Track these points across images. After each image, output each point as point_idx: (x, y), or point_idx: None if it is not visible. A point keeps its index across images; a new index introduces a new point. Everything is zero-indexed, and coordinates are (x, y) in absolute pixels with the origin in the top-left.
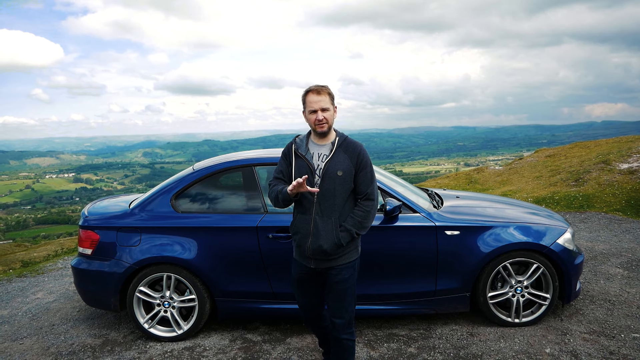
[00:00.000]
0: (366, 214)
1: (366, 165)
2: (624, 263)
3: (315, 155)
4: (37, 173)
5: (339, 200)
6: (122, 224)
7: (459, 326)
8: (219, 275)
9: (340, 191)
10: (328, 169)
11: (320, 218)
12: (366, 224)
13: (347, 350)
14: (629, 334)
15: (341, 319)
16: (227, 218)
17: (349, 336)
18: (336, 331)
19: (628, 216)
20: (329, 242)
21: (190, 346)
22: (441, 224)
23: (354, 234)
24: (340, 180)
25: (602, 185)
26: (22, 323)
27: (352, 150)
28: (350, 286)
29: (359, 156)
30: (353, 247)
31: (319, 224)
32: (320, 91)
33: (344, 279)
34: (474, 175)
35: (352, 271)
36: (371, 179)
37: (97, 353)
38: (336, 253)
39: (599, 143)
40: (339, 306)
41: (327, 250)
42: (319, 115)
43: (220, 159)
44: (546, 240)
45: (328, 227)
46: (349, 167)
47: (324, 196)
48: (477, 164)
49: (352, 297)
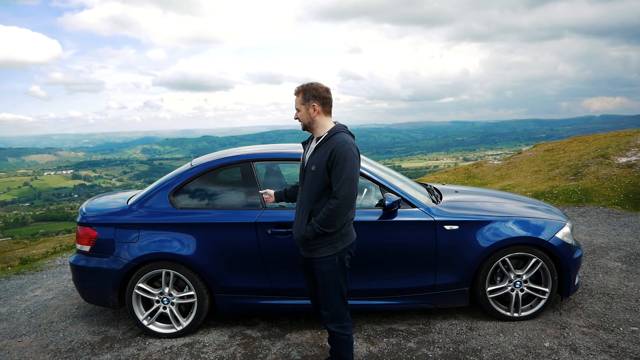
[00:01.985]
0: (329, 212)
1: (338, 162)
2: (623, 257)
3: (308, 150)
4: (35, 170)
5: (312, 194)
6: (120, 220)
7: (458, 321)
8: (218, 271)
9: (312, 186)
10: (307, 164)
11: (299, 210)
12: (331, 222)
13: (340, 345)
14: (628, 327)
15: (326, 311)
16: (225, 214)
17: (340, 330)
18: (325, 322)
19: (626, 210)
20: (298, 234)
21: (189, 342)
22: (440, 218)
23: (316, 229)
24: (313, 175)
25: (600, 179)
26: (21, 320)
27: (329, 146)
28: (330, 281)
29: (332, 152)
30: (326, 242)
31: (298, 215)
32: (296, 92)
33: (321, 272)
34: (473, 169)
35: (331, 267)
36: (340, 176)
37: (96, 350)
38: (306, 245)
39: (598, 137)
40: (322, 298)
41: (297, 240)
42: (295, 115)
43: (219, 154)
44: (545, 234)
45: (300, 219)
46: (322, 162)
47: (304, 189)
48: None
49: (336, 291)
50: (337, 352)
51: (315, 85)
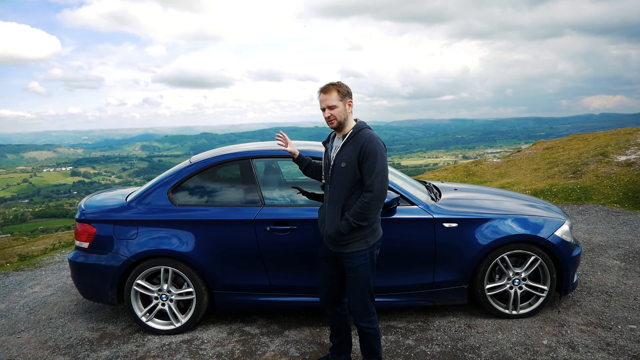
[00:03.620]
0: (364, 205)
1: (369, 157)
2: (621, 255)
3: (334, 148)
4: (35, 167)
5: (343, 190)
6: (119, 217)
7: (456, 318)
8: (217, 268)
9: (344, 182)
10: (336, 161)
11: (329, 206)
12: (366, 215)
13: (370, 338)
14: (626, 325)
15: (355, 307)
16: (224, 211)
17: (368, 324)
18: (354, 317)
19: (625, 208)
20: (332, 229)
21: (188, 339)
22: (439, 216)
23: (352, 223)
24: (344, 171)
25: (599, 177)
26: (20, 317)
27: (358, 141)
28: (361, 275)
29: (362, 147)
30: (359, 236)
31: (328, 211)
32: (327, 90)
33: (353, 267)
34: (472, 167)
35: (362, 261)
36: (373, 170)
37: (94, 346)
38: (340, 240)
39: (597, 135)
40: (351, 294)
41: (331, 235)
42: (326, 113)
43: (218, 151)
44: (544, 232)
45: (332, 215)
46: (353, 158)
47: (333, 186)
48: (475, 156)
49: (365, 286)
50: (366, 345)
51: (343, 83)
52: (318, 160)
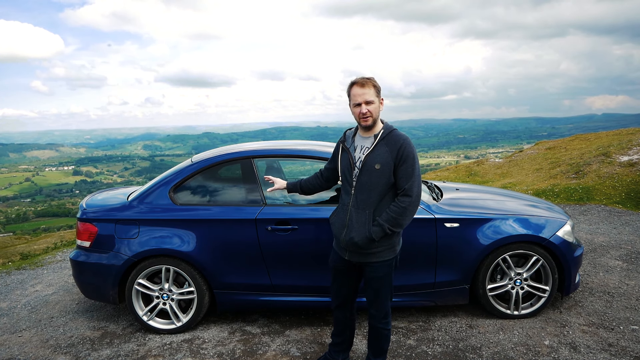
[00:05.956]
0: (401, 210)
1: (407, 159)
2: (624, 255)
3: (359, 148)
4: (37, 166)
5: (375, 194)
6: (120, 216)
7: (458, 318)
8: (218, 268)
9: (377, 185)
10: (367, 162)
11: (356, 210)
12: (401, 221)
13: (382, 338)
14: (628, 326)
15: (376, 310)
16: (225, 210)
17: (384, 326)
18: (372, 319)
19: (628, 208)
20: (361, 235)
21: (189, 338)
22: (440, 216)
23: (386, 229)
24: (378, 173)
25: (602, 177)
26: (21, 315)
27: (394, 143)
28: (386, 284)
29: (400, 149)
30: (388, 245)
31: (353, 216)
32: (365, 84)
33: (378, 277)
34: (474, 167)
35: (388, 270)
36: (412, 174)
37: (96, 345)
38: (368, 247)
39: (599, 135)
40: (374, 300)
41: (359, 243)
42: (362, 109)
43: (219, 151)
44: (546, 232)
45: (362, 220)
46: (389, 160)
47: (361, 189)
48: (477, 156)
49: (388, 293)
50: (376, 344)
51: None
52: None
